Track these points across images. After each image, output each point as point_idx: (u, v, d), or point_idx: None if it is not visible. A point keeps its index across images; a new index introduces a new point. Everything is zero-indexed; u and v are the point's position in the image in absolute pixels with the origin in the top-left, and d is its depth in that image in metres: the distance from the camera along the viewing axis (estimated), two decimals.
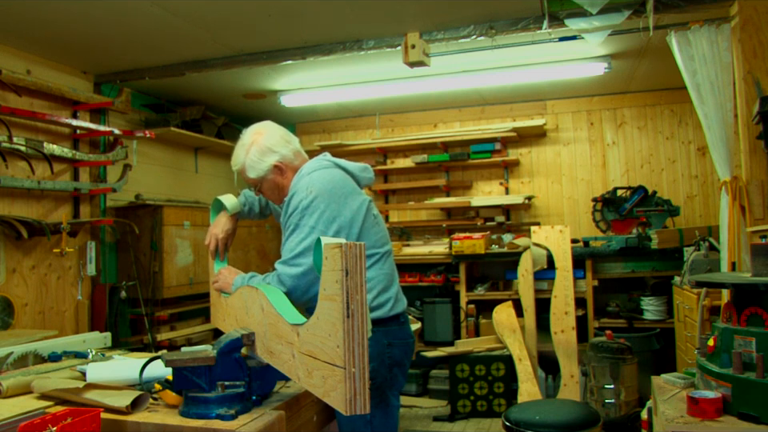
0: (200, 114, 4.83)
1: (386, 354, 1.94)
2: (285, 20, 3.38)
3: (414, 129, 5.75)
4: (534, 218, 5.43)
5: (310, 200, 1.88)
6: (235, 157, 2.07)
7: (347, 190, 1.97)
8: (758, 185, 2.97)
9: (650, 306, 4.56)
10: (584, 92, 5.23)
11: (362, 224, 1.96)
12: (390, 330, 1.97)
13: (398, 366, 1.97)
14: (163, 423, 1.51)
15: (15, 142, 3.35)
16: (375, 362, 1.89)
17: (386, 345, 1.94)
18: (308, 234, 1.86)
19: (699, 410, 1.68)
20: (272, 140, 2.03)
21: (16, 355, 2.17)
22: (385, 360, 1.93)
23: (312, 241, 1.84)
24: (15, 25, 3.25)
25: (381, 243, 2.02)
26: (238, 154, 2.06)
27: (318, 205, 1.88)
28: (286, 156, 2.03)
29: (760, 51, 2.97)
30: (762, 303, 1.72)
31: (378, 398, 1.90)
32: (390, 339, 1.96)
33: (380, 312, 1.95)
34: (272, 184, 2.05)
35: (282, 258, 1.88)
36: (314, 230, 1.86)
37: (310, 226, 1.86)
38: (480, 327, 4.80)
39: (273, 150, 2.02)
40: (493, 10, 3.31)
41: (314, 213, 1.87)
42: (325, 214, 1.88)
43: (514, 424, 2.83)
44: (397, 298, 2.02)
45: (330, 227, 1.88)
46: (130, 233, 4.15)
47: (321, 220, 1.87)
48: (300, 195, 1.91)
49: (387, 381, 1.94)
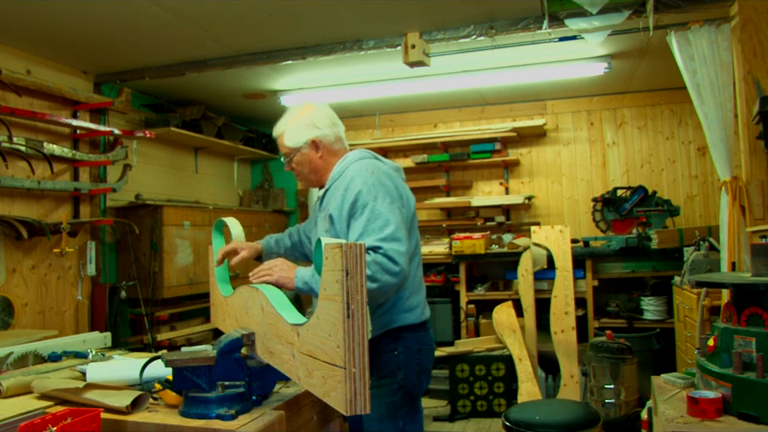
0: (200, 114, 4.83)
1: (416, 360, 1.92)
2: (285, 20, 3.38)
3: (414, 129, 5.75)
4: (534, 217, 5.43)
5: (375, 179, 1.84)
6: (279, 123, 2.09)
7: (400, 182, 1.97)
8: (757, 185, 2.97)
9: (650, 306, 4.56)
10: (584, 92, 5.23)
11: (412, 220, 1.95)
12: (419, 335, 1.94)
13: (425, 373, 1.96)
14: (163, 423, 1.51)
15: (15, 141, 3.35)
16: (406, 369, 1.88)
17: (416, 351, 1.92)
18: (389, 210, 1.79)
19: (699, 410, 1.68)
20: (318, 116, 2.04)
21: (16, 355, 2.17)
22: (414, 367, 1.91)
23: (396, 218, 1.78)
24: (15, 25, 3.25)
25: (418, 246, 2.01)
26: (282, 120, 2.08)
27: (385, 183, 1.85)
28: (326, 135, 2.03)
29: (760, 51, 2.97)
30: (762, 303, 1.72)
31: (408, 406, 1.89)
32: (420, 345, 1.94)
33: (412, 317, 1.92)
34: (304, 158, 2.04)
35: (378, 237, 1.75)
36: (392, 205, 1.81)
37: (388, 203, 1.81)
38: (480, 327, 4.80)
39: (316, 125, 2.02)
40: (493, 9, 3.31)
41: (385, 195, 1.82)
42: (391, 195, 1.85)
43: (513, 424, 2.83)
44: (425, 303, 2.01)
45: (400, 210, 1.84)
46: (130, 233, 4.15)
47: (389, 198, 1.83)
48: (362, 178, 1.84)
49: (416, 388, 1.93)
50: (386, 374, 1.90)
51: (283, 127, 2.06)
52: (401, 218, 1.82)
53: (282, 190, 6.01)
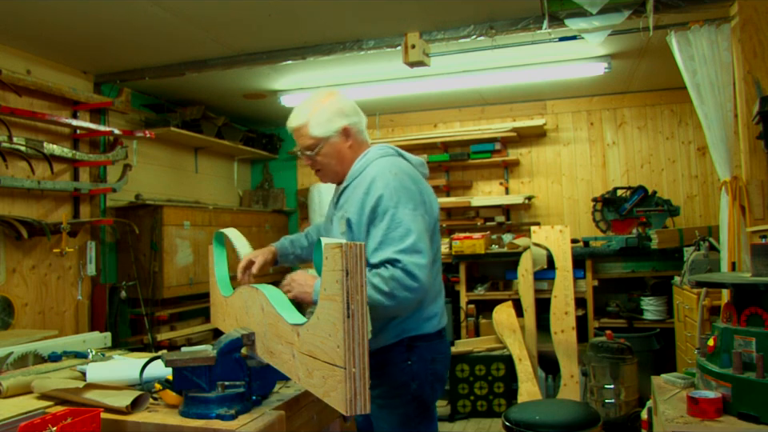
0: (200, 114, 4.83)
1: (430, 370, 1.85)
2: (285, 20, 3.38)
3: (414, 129, 5.75)
4: (534, 217, 5.43)
5: (398, 182, 1.73)
6: (297, 114, 1.91)
7: (424, 185, 1.86)
8: (757, 185, 2.97)
9: (650, 306, 4.56)
10: (584, 92, 5.23)
11: (434, 225, 1.86)
12: (433, 344, 1.87)
13: (439, 381, 1.90)
14: (163, 423, 1.51)
15: (15, 141, 3.35)
16: (420, 380, 1.83)
17: (429, 361, 1.85)
18: (411, 218, 1.69)
19: (699, 410, 1.68)
20: (345, 104, 1.91)
21: (16, 355, 2.17)
22: (428, 377, 1.85)
23: (418, 226, 1.69)
24: (15, 25, 3.25)
25: (438, 251, 1.93)
26: (301, 110, 1.91)
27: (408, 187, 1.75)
28: (356, 124, 1.91)
29: (760, 51, 2.97)
30: (762, 303, 1.72)
31: (423, 415, 1.85)
32: (434, 355, 1.87)
33: (428, 326, 1.85)
34: (334, 149, 1.88)
35: (397, 248, 1.65)
36: (415, 212, 1.71)
37: (411, 209, 1.71)
38: (480, 327, 4.80)
39: (345, 113, 1.89)
40: (493, 9, 3.31)
41: (408, 200, 1.72)
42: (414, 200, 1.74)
43: (513, 424, 2.83)
44: (443, 312, 1.93)
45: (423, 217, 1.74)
46: (130, 233, 4.15)
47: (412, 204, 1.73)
48: (384, 180, 1.74)
49: (430, 396, 1.87)
50: (398, 384, 1.83)
51: (305, 116, 1.88)
52: (423, 226, 1.73)
53: (281, 189, 6.01)
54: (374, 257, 1.69)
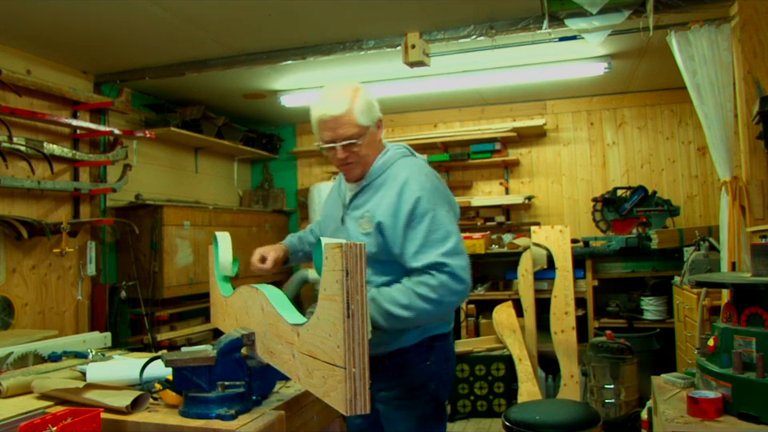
0: (200, 114, 4.83)
1: (445, 370, 1.86)
2: (285, 20, 3.38)
3: (414, 129, 5.75)
4: (534, 217, 5.43)
5: (431, 184, 1.72)
6: (333, 102, 1.75)
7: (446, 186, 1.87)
8: (757, 185, 2.97)
9: (650, 306, 4.56)
10: (584, 92, 5.23)
11: None
12: (447, 344, 1.88)
13: (452, 380, 1.92)
14: (163, 423, 1.51)
15: (15, 141, 3.35)
16: (437, 380, 1.82)
17: (444, 361, 1.86)
18: (449, 220, 1.69)
19: (699, 410, 1.68)
20: (372, 97, 1.86)
21: (16, 355, 2.17)
22: (444, 377, 1.86)
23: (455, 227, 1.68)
24: (15, 25, 3.25)
25: None
26: (335, 98, 1.76)
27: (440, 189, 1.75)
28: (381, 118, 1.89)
29: (760, 51, 2.97)
30: (762, 303, 1.72)
31: (438, 415, 1.85)
32: (447, 355, 1.88)
33: (446, 325, 1.87)
34: (372, 139, 1.83)
35: (441, 251, 1.63)
36: (449, 213, 1.72)
37: (446, 211, 1.71)
38: (480, 327, 4.80)
39: (376, 105, 1.86)
40: (493, 9, 3.31)
41: (443, 203, 1.73)
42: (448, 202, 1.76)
43: (513, 424, 2.83)
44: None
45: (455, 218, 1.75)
46: (130, 233, 4.15)
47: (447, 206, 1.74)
48: (419, 182, 1.71)
49: (445, 396, 1.88)
50: (417, 385, 1.81)
51: (346, 103, 1.74)
52: (457, 227, 1.72)
53: (282, 190, 6.01)
54: (415, 260, 1.66)
